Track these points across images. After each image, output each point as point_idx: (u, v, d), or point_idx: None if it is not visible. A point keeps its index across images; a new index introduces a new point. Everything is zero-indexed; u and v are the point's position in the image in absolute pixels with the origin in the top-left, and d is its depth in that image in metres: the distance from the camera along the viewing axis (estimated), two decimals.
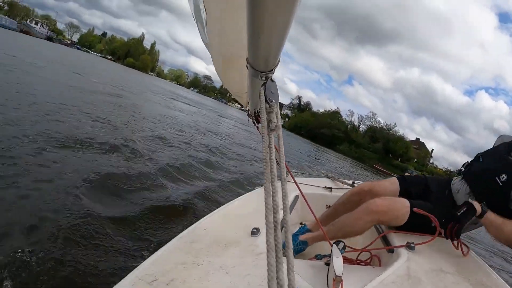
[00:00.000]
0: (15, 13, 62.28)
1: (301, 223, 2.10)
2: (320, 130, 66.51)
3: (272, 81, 0.55)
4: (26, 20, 57.82)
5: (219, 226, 1.37)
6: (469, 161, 1.71)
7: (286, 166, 1.96)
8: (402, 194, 1.70)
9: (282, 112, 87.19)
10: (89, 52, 79.14)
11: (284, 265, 0.47)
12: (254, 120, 1.65)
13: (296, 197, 2.05)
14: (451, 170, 69.02)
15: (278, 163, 0.51)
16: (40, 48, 26.44)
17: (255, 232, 1.28)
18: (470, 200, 1.32)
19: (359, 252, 1.45)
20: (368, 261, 1.46)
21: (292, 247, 0.47)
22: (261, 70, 0.54)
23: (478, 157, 1.67)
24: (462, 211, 1.28)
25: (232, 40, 0.73)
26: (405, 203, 1.48)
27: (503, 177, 1.42)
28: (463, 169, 1.71)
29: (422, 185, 1.74)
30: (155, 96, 19.65)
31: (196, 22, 1.12)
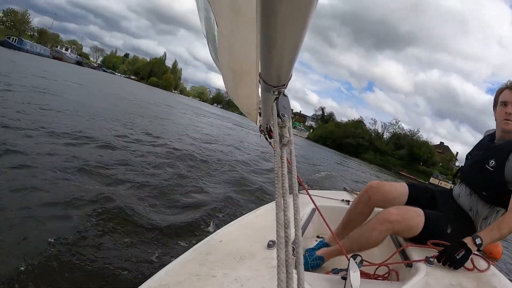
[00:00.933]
0: (45, 40, 66.67)
1: (318, 237, 2.07)
2: (345, 139, 66.50)
3: (285, 95, 0.55)
4: (56, 47, 61.87)
5: (235, 238, 1.37)
6: (461, 165, 1.75)
7: (299, 180, 1.95)
8: (410, 200, 1.70)
9: (306, 124, 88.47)
10: (114, 74, 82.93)
11: (295, 281, 0.47)
12: (267, 136, 1.65)
13: (313, 210, 2.02)
14: None
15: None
16: (74, 72, 28.36)
17: (271, 245, 1.27)
18: (464, 240, 1.27)
19: (377, 266, 1.42)
20: (386, 275, 1.42)
21: (302, 263, 0.47)
22: (274, 84, 0.54)
23: (467, 156, 1.74)
24: (461, 254, 1.23)
25: (242, 55, 0.74)
26: (419, 212, 1.47)
27: (492, 162, 1.46)
28: (459, 174, 1.75)
29: (430, 194, 1.73)
30: (185, 112, 21.21)
31: (206, 37, 1.14)
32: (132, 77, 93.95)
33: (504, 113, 1.52)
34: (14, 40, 42.37)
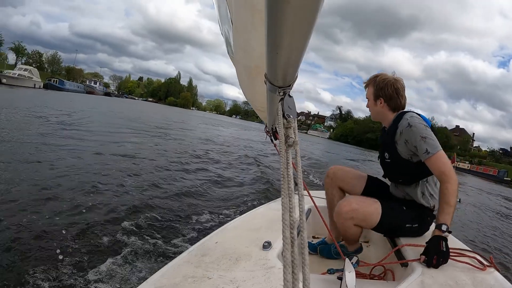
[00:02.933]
0: (73, 76, 70.73)
1: (314, 237, 2.08)
2: (365, 135, 68.61)
3: (290, 96, 0.55)
4: (84, 81, 65.88)
5: (230, 240, 1.37)
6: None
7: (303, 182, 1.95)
8: (366, 191, 1.82)
9: (326, 124, 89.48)
10: (134, 99, 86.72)
11: (300, 282, 0.47)
12: (272, 137, 1.66)
13: (309, 210, 2.02)
14: (494, 149, 69.37)
15: (295, 180, 0.51)
16: (109, 103, 30.70)
17: (266, 246, 1.27)
18: (434, 233, 1.34)
19: (373, 266, 1.42)
20: (382, 275, 1.43)
21: (308, 264, 0.47)
22: (279, 85, 0.54)
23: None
24: (443, 245, 1.27)
25: (256, 52, 0.74)
26: (374, 200, 1.58)
27: (387, 155, 1.67)
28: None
29: (387, 190, 1.84)
30: (213, 126, 23.64)
31: (222, 35, 1.14)
32: (149, 99, 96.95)
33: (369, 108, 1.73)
34: (55, 82, 46.26)
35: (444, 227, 1.32)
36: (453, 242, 1.60)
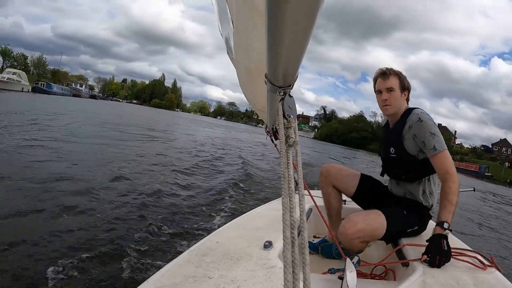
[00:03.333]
0: (59, 79, 69.72)
1: (315, 236, 2.07)
2: (350, 134, 70.05)
3: (290, 96, 0.55)
4: (68, 84, 65.78)
5: (231, 239, 1.37)
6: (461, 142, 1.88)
7: (303, 182, 1.96)
8: (359, 190, 1.82)
9: (310, 124, 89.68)
10: (119, 101, 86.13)
11: (301, 282, 0.47)
12: (272, 137, 1.66)
13: (310, 210, 2.02)
14: (476, 146, 71.81)
15: (295, 179, 0.51)
16: (95, 105, 30.55)
17: (267, 245, 1.26)
18: (437, 233, 1.33)
19: (374, 266, 1.42)
20: (383, 275, 1.43)
21: (308, 263, 0.47)
22: (279, 85, 0.54)
23: (379, 152, 1.89)
24: (445, 244, 1.27)
25: (257, 53, 0.74)
26: (378, 212, 1.54)
27: (392, 150, 1.65)
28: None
29: (381, 189, 1.85)
30: (203, 127, 23.73)
31: (222, 36, 1.14)
32: (134, 101, 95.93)
33: (381, 101, 1.67)
34: (43, 85, 45.66)
35: (445, 225, 1.32)
36: (454, 241, 1.59)
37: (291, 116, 0.53)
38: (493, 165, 48.60)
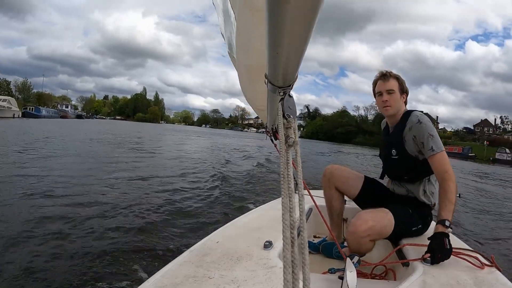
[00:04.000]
0: (44, 102, 69.82)
1: (315, 236, 2.07)
2: (335, 130, 71.09)
3: (290, 96, 0.55)
4: (54, 106, 65.71)
5: (231, 239, 1.37)
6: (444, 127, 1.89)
7: (303, 182, 1.95)
8: (363, 192, 1.82)
9: None
10: (104, 118, 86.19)
11: (300, 282, 0.47)
12: (272, 137, 1.66)
13: (310, 210, 2.02)
14: (459, 129, 73.55)
15: (295, 179, 0.51)
16: (83, 125, 30.51)
17: (267, 245, 1.26)
18: (439, 231, 1.35)
19: (374, 266, 1.42)
20: (383, 275, 1.43)
21: (308, 264, 0.47)
22: (279, 85, 0.54)
23: (380, 153, 1.90)
24: (447, 242, 1.29)
25: (258, 52, 0.74)
26: (385, 210, 1.56)
27: (394, 151, 1.68)
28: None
29: (383, 190, 1.87)
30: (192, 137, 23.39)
31: (223, 35, 1.14)
32: (117, 117, 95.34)
33: (381, 102, 1.69)
34: (32, 109, 46.13)
35: (447, 223, 1.35)
36: (454, 241, 1.59)
37: (291, 116, 0.53)
38: (475, 146, 49.70)
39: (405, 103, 1.73)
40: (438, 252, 1.26)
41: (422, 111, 1.69)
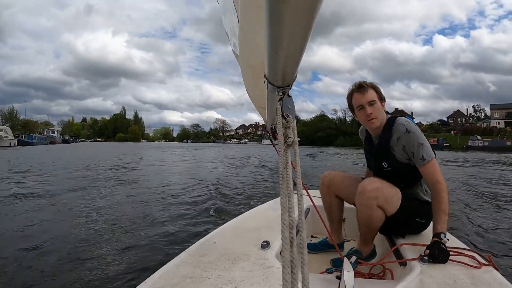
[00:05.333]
0: (30, 128, 69.56)
1: (312, 236, 2.07)
2: (316, 134, 75.12)
3: (289, 96, 0.55)
4: (39, 133, 65.54)
5: (228, 240, 1.37)
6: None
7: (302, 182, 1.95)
8: None
9: None
10: (86, 141, 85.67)
11: (299, 282, 0.47)
12: (272, 137, 1.64)
13: (307, 210, 2.02)
14: (433, 122, 78.55)
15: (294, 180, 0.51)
16: (72, 149, 30.23)
17: (264, 245, 1.26)
18: (434, 239, 1.36)
19: (372, 265, 1.43)
20: (381, 275, 1.44)
21: (307, 264, 0.47)
22: (278, 85, 0.54)
23: (367, 161, 1.87)
24: (444, 246, 1.31)
25: (260, 49, 0.73)
26: (393, 186, 1.55)
27: (385, 164, 1.63)
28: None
29: None
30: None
31: (226, 33, 1.14)
32: (98, 139, 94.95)
33: (365, 116, 1.60)
34: (24, 137, 47.01)
35: (442, 236, 1.35)
36: (452, 241, 1.60)
37: (290, 116, 0.53)
38: (449, 136, 53.20)
39: (384, 110, 1.67)
40: (438, 250, 1.28)
41: (407, 116, 1.65)
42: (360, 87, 1.60)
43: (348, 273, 1.11)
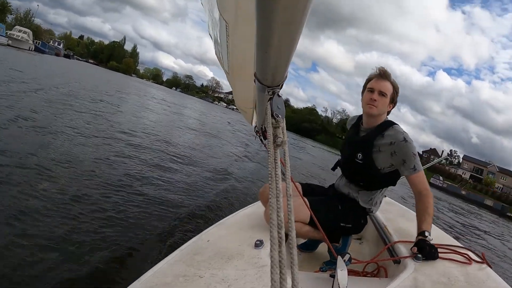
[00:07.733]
0: (40, 36, 66.18)
1: None
2: (302, 124, 78.65)
3: (279, 96, 0.55)
4: (46, 41, 63.01)
5: (222, 238, 1.36)
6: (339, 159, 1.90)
7: (292, 181, 1.95)
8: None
9: None
10: (80, 60, 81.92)
11: (289, 281, 0.47)
12: (261, 137, 1.64)
13: None
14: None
15: (284, 178, 0.51)
16: (75, 66, 30.17)
17: (258, 244, 1.26)
18: (421, 237, 1.38)
19: (365, 263, 1.43)
20: (375, 272, 1.44)
21: (297, 263, 0.47)
22: (268, 85, 0.54)
23: (342, 149, 1.86)
24: (429, 241, 1.35)
25: (242, 53, 0.73)
26: (299, 197, 1.57)
27: (359, 155, 1.61)
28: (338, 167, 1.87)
29: (322, 190, 1.87)
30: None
31: (210, 34, 1.13)
32: (90, 60, 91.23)
33: (369, 99, 1.60)
34: (39, 44, 45.99)
35: (426, 233, 1.38)
36: (445, 238, 1.62)
37: (280, 115, 0.53)
38: None
39: (388, 113, 1.68)
40: (428, 246, 1.31)
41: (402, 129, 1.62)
42: (382, 73, 1.62)
43: (341, 272, 1.11)
